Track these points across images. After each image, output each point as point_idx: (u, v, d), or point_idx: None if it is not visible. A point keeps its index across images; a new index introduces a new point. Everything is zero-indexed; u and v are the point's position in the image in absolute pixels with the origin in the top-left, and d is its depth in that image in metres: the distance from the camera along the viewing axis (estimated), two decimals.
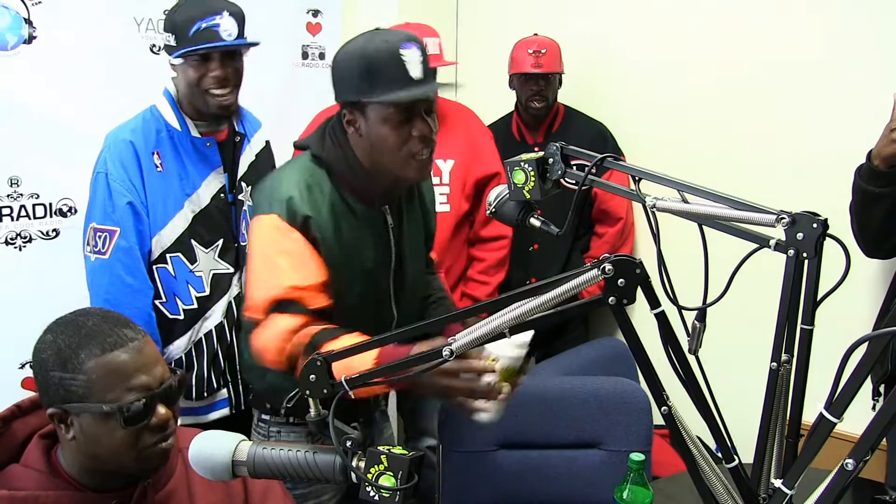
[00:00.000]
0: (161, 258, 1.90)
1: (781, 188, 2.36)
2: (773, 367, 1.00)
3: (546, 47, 2.70)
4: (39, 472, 1.14)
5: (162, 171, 1.88)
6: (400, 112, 1.45)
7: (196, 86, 1.88)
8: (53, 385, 1.10)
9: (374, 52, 1.44)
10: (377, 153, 1.49)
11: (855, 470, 0.77)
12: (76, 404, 1.09)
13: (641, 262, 0.90)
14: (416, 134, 1.47)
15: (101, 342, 1.09)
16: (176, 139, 1.91)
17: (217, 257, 1.96)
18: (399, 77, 1.43)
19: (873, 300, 2.13)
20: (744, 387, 1.49)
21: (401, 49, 1.43)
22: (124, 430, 1.09)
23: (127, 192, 1.84)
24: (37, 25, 2.21)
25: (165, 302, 1.93)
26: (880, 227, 1.88)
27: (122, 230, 1.84)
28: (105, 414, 1.08)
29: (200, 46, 1.83)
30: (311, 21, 3.03)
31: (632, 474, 1.42)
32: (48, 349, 1.11)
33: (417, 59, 1.45)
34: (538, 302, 0.93)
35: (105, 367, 1.09)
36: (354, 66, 1.46)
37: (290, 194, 1.47)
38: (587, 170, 1.22)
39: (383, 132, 1.47)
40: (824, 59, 2.36)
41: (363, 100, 1.45)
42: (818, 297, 0.97)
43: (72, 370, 1.08)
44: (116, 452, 1.11)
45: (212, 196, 1.95)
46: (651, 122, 2.84)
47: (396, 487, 0.95)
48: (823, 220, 0.94)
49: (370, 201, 1.57)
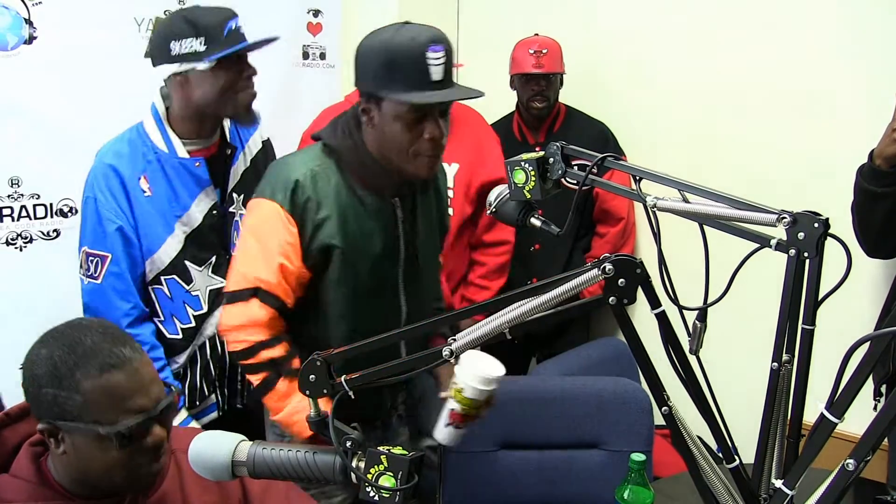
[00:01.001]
0: (156, 280, 1.87)
1: (782, 187, 2.35)
2: (773, 367, 1.00)
3: (547, 47, 2.70)
4: (28, 481, 1.11)
5: (150, 195, 1.83)
6: (414, 113, 1.45)
7: (230, 89, 1.81)
8: (46, 401, 1.06)
9: (398, 46, 1.43)
10: (386, 147, 1.51)
11: (856, 470, 0.77)
12: (69, 423, 1.06)
13: (642, 261, 0.90)
14: (427, 136, 1.47)
15: (99, 363, 1.06)
16: (163, 161, 1.85)
17: (211, 273, 1.93)
18: (419, 78, 1.42)
19: (874, 300, 2.13)
20: (745, 387, 1.48)
21: (427, 51, 1.42)
22: (118, 451, 1.07)
23: (116, 219, 1.80)
24: (37, 26, 2.21)
25: (164, 321, 1.90)
26: (882, 226, 1.87)
27: (114, 256, 1.81)
28: (99, 435, 1.06)
29: (239, 46, 1.78)
30: (312, 21, 3.03)
31: (633, 474, 1.42)
32: (43, 364, 1.07)
33: (441, 62, 1.44)
34: (539, 301, 0.93)
35: (102, 389, 1.06)
36: (378, 56, 1.46)
37: (294, 179, 1.50)
38: (588, 169, 1.22)
39: (395, 129, 1.47)
40: (827, 57, 2.35)
41: (380, 93, 1.45)
42: (819, 297, 0.97)
43: (67, 388, 1.05)
44: (108, 471, 1.09)
45: (203, 214, 1.90)
46: (652, 121, 2.83)
47: (396, 488, 0.95)
48: (825, 220, 0.94)
49: (380, 192, 1.58)
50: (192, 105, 1.83)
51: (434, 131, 1.47)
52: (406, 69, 1.42)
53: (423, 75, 1.43)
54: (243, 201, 1.98)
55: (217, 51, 1.76)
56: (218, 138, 1.96)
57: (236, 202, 1.98)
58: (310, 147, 1.62)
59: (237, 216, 1.98)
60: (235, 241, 1.97)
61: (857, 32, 2.30)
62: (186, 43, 1.76)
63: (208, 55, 1.76)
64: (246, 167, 2.02)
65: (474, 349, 0.98)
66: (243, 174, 2.01)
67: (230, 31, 1.79)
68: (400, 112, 1.45)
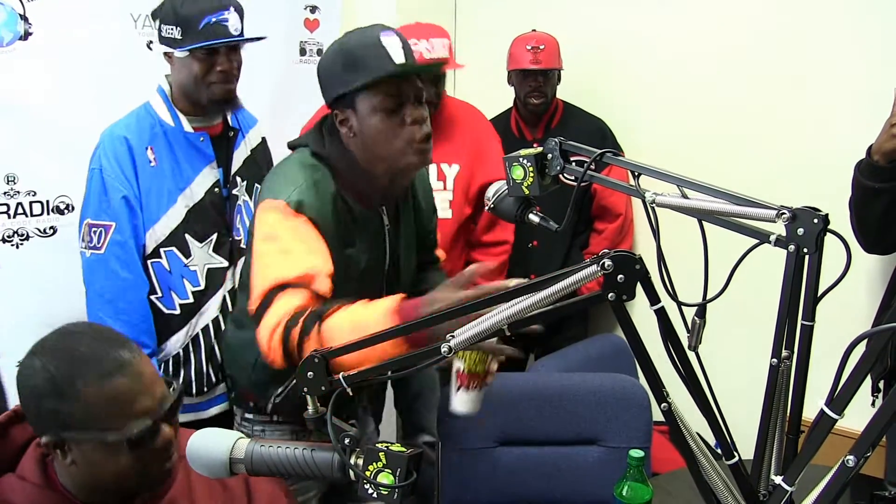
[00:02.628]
0: (155, 252, 1.91)
1: (781, 183, 2.35)
2: (773, 363, 0.99)
3: (544, 43, 2.69)
4: (34, 484, 1.10)
5: (155, 165, 1.89)
6: (389, 99, 1.43)
7: (201, 79, 1.89)
8: (47, 413, 1.04)
9: (353, 44, 1.44)
10: (374, 147, 1.47)
11: (856, 467, 0.76)
12: (75, 433, 1.04)
13: (641, 257, 0.89)
14: (409, 120, 1.45)
15: (99, 369, 1.04)
16: (169, 134, 1.92)
17: (211, 251, 1.97)
18: (381, 64, 1.42)
19: (872, 296, 2.13)
20: (744, 383, 1.48)
21: (380, 36, 1.42)
22: (129, 455, 1.05)
23: (122, 187, 1.85)
24: (32, 22, 2.19)
25: (161, 297, 1.93)
26: (880, 222, 1.87)
27: (118, 224, 1.85)
28: (108, 442, 1.04)
29: (212, 42, 1.84)
30: (309, 17, 3.01)
31: (631, 471, 1.41)
32: (38, 376, 1.04)
33: (398, 45, 1.44)
34: (537, 298, 0.92)
35: (105, 396, 1.03)
36: (336, 61, 1.46)
37: (299, 186, 1.46)
38: (586, 165, 1.22)
39: (375, 123, 1.45)
40: (824, 55, 2.35)
41: (350, 89, 1.43)
42: (819, 293, 0.96)
43: (69, 399, 1.03)
44: (120, 477, 1.08)
45: (206, 190, 1.96)
46: (650, 117, 2.83)
47: (395, 485, 0.95)
48: (824, 216, 0.94)
49: (367, 202, 1.56)
50: (178, 86, 1.94)
51: (415, 114, 1.45)
52: (367, 58, 1.42)
53: (385, 60, 1.42)
54: (246, 187, 2.04)
55: (189, 42, 1.84)
56: (221, 120, 2.02)
57: (239, 185, 2.03)
58: (301, 154, 1.55)
59: (240, 200, 2.03)
60: (238, 225, 2.01)
61: (855, 28, 2.30)
62: (169, 28, 1.87)
63: (182, 44, 1.85)
64: (248, 155, 2.08)
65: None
66: (246, 160, 2.07)
67: (207, 24, 1.84)
68: (375, 103, 1.43)
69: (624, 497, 1.41)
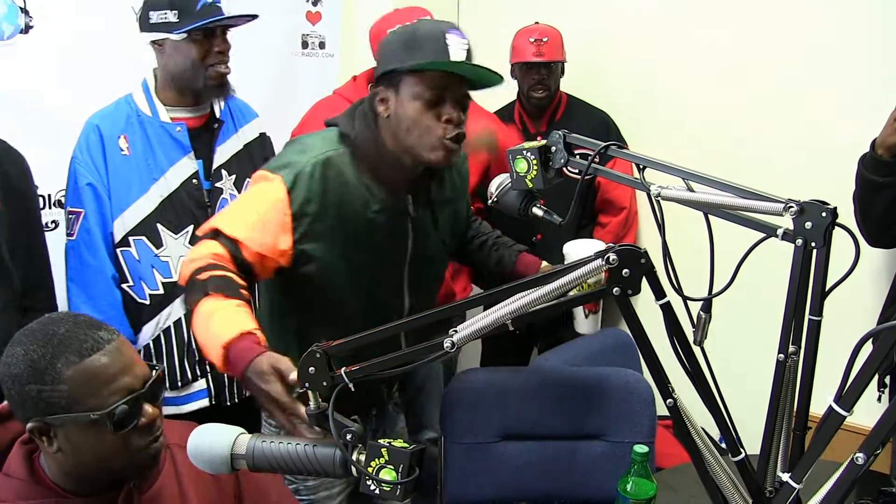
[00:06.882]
0: (124, 241, 1.92)
1: (785, 177, 2.33)
2: (780, 358, 0.98)
3: (548, 35, 2.68)
4: (21, 480, 1.10)
5: (128, 154, 1.91)
6: (432, 90, 1.42)
7: (200, 62, 1.89)
8: (31, 399, 1.04)
9: (420, 29, 1.45)
10: (404, 133, 1.45)
11: (865, 464, 0.76)
12: (59, 416, 1.04)
13: (646, 251, 0.88)
14: (445, 118, 1.44)
15: (78, 348, 1.05)
16: (145, 124, 1.93)
17: (187, 244, 1.94)
18: (439, 54, 1.41)
19: (877, 290, 2.12)
20: (750, 378, 1.48)
21: (447, 32, 1.42)
22: (113, 435, 1.06)
23: (87, 174, 1.89)
24: (33, 15, 2.19)
25: (133, 286, 1.94)
26: (883, 216, 1.87)
27: (85, 212, 1.88)
28: (92, 422, 1.04)
29: (211, 20, 1.85)
30: (311, 10, 3.00)
31: (635, 466, 1.41)
32: (20, 363, 1.05)
33: (461, 45, 1.43)
34: (542, 292, 0.91)
35: (85, 373, 1.04)
36: (399, 38, 1.47)
37: (303, 163, 1.45)
38: (591, 158, 1.21)
39: (412, 109, 1.43)
40: (828, 47, 2.33)
41: (400, 68, 1.42)
42: (826, 288, 0.95)
43: (50, 381, 1.03)
44: (107, 458, 1.08)
45: (182, 181, 1.94)
46: (655, 110, 2.81)
47: (397, 481, 0.94)
48: (833, 209, 0.93)
49: (393, 188, 1.53)
50: (168, 74, 1.93)
51: (452, 114, 1.44)
52: (426, 46, 1.41)
53: (443, 54, 1.41)
54: (235, 181, 2.03)
55: (189, 23, 1.84)
56: (208, 112, 2.01)
57: (225, 179, 2.01)
58: (328, 131, 1.57)
59: (225, 194, 2.01)
60: None
61: (859, 23, 2.28)
62: (162, 13, 1.86)
63: (179, 27, 1.85)
64: (239, 149, 2.06)
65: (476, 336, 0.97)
66: (237, 154, 2.05)
67: (205, 4, 1.86)
68: (418, 90, 1.42)
69: (628, 492, 1.40)
